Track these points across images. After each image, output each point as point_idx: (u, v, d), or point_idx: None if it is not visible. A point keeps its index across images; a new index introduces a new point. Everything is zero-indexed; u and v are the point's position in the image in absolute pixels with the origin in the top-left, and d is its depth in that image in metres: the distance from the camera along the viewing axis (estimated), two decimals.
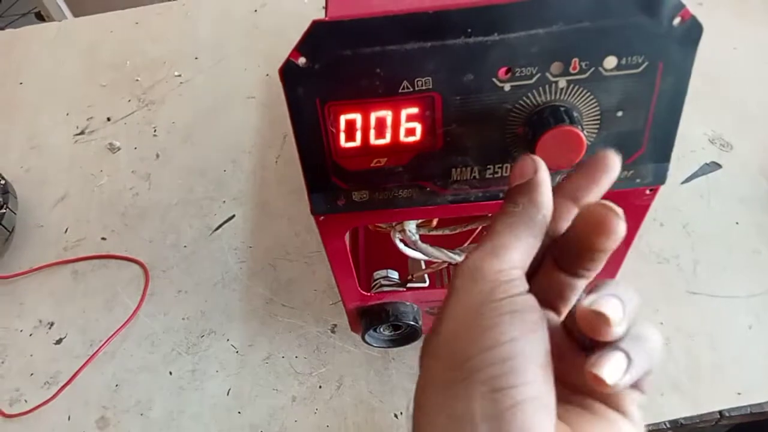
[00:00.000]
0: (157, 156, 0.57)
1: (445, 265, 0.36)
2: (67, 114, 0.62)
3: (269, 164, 0.55)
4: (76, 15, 1.24)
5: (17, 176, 0.56)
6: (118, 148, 0.58)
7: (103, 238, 0.52)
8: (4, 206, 0.51)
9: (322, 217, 0.28)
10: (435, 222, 0.34)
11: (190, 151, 0.57)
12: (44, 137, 0.60)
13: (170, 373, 0.44)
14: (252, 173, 0.55)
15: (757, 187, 0.48)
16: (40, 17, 1.38)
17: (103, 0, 1.17)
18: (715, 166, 0.49)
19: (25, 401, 0.43)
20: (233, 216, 0.52)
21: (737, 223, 0.46)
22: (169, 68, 0.64)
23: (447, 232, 0.35)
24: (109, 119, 0.61)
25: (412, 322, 0.37)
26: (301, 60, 0.23)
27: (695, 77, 0.61)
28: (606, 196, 0.28)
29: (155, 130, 0.59)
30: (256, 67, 0.63)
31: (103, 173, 0.57)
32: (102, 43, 0.68)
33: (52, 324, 0.47)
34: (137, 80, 0.64)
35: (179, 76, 0.64)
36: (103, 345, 0.45)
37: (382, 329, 0.38)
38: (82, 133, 0.60)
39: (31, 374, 0.45)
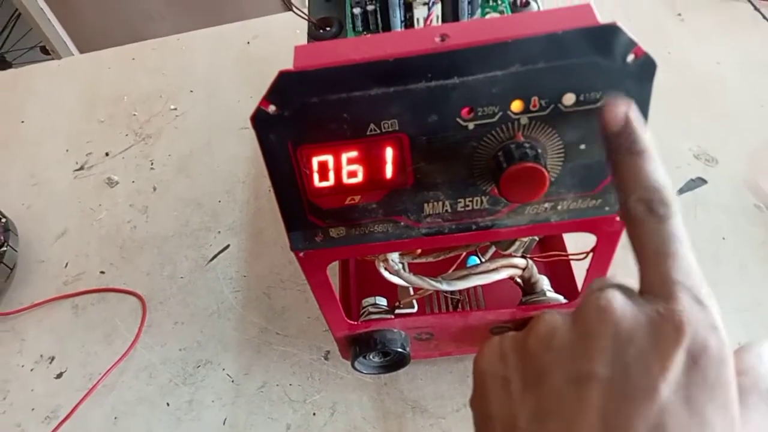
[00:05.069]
0: (154, 189, 0.59)
1: (433, 290, 0.37)
2: (67, 150, 0.63)
3: (263, 193, 0.56)
4: (80, 48, 1.27)
5: (18, 213, 0.57)
6: (117, 182, 0.60)
7: (102, 272, 0.53)
8: (5, 244, 0.52)
9: (301, 254, 0.29)
10: (419, 250, 0.35)
11: (186, 183, 0.58)
12: (44, 174, 0.62)
13: (168, 404, 0.45)
14: (246, 203, 0.56)
15: (743, 201, 0.48)
16: (45, 51, 1.42)
17: (106, 34, 1.21)
18: (700, 181, 0.50)
19: None
20: (228, 246, 0.53)
21: (724, 238, 0.47)
22: (165, 102, 0.66)
23: (431, 259, 0.36)
24: (107, 154, 0.62)
25: (399, 349, 0.37)
26: (271, 108, 0.24)
27: (678, 92, 0.61)
28: (577, 225, 0.29)
29: (152, 164, 0.61)
30: (249, 98, 0.64)
31: (102, 207, 0.58)
32: (100, 79, 0.70)
33: (52, 358, 0.48)
34: (134, 115, 0.66)
35: (175, 109, 0.65)
36: (101, 378, 0.46)
37: (371, 356, 0.39)
38: (81, 168, 0.62)
39: (32, 409, 0.46)
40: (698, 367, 0.18)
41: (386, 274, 0.34)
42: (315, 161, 0.25)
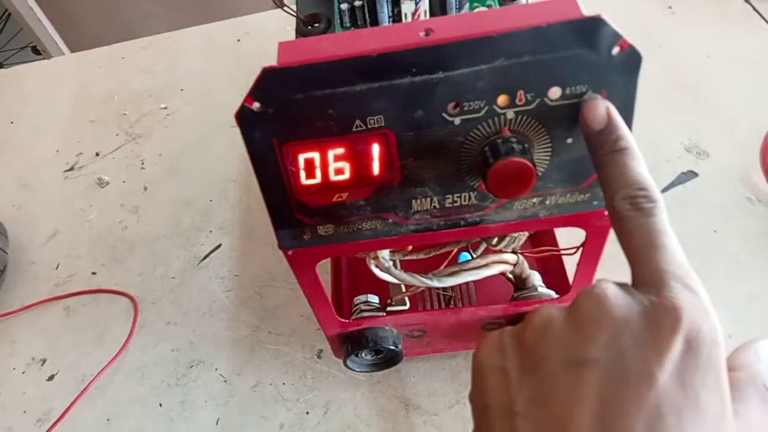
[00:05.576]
0: (145, 189, 0.58)
1: (424, 287, 0.37)
2: (57, 151, 0.63)
3: (254, 192, 0.56)
4: (71, 48, 1.26)
5: (8, 214, 0.57)
6: (107, 183, 0.59)
7: (94, 273, 0.53)
8: None
9: (290, 252, 0.29)
10: (410, 247, 0.35)
11: (177, 183, 0.58)
12: (35, 175, 0.61)
13: (160, 404, 0.44)
14: (237, 202, 0.56)
15: (734, 194, 0.49)
16: (36, 51, 1.41)
17: (97, 33, 1.20)
18: (691, 174, 0.50)
19: None
20: (220, 245, 0.53)
21: (715, 231, 0.47)
22: (156, 101, 0.66)
23: (421, 256, 0.36)
24: (97, 154, 0.62)
25: (391, 347, 0.37)
26: (256, 105, 0.24)
27: (669, 85, 0.61)
28: (566, 220, 0.28)
29: (143, 163, 0.60)
30: (240, 96, 0.63)
31: (93, 208, 0.58)
32: (90, 79, 0.70)
33: (44, 360, 0.48)
34: (125, 114, 0.65)
35: (165, 108, 0.65)
36: (93, 379, 0.46)
37: (363, 354, 0.39)
38: (71, 169, 0.61)
39: (24, 411, 0.45)
40: (692, 350, 0.18)
41: (377, 272, 0.33)
42: (301, 158, 0.25)
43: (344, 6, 0.36)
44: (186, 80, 0.67)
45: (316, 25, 0.37)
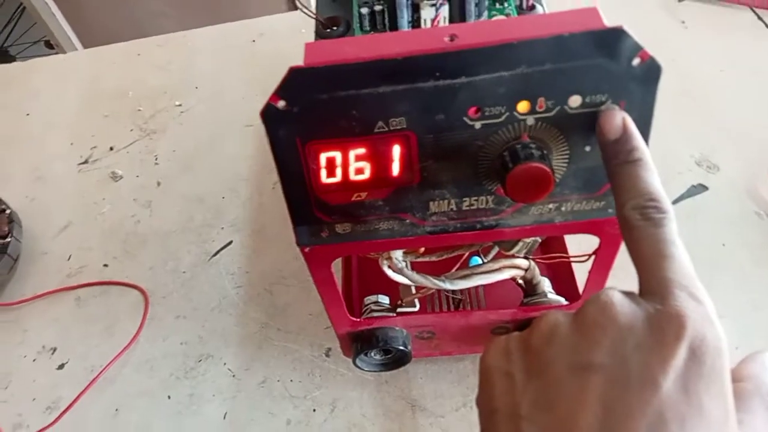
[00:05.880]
0: (158, 184, 0.59)
1: (434, 289, 0.37)
2: (72, 144, 0.64)
3: (266, 190, 0.57)
4: (84, 44, 1.27)
5: (22, 205, 0.58)
6: (121, 177, 0.60)
7: (105, 265, 0.53)
8: (10, 235, 0.52)
9: (307, 249, 0.30)
10: (422, 249, 0.35)
11: (190, 179, 0.59)
12: (49, 167, 0.62)
13: (168, 397, 0.45)
14: (249, 199, 0.56)
15: (743, 208, 0.49)
16: (49, 45, 1.42)
17: (110, 30, 1.21)
18: (701, 188, 0.50)
19: (28, 426, 0.44)
20: (231, 242, 0.53)
21: (724, 244, 0.47)
22: (170, 98, 0.66)
23: (433, 258, 0.36)
24: (111, 148, 0.63)
25: (401, 347, 0.37)
26: (281, 103, 0.24)
27: (681, 99, 0.62)
28: (581, 226, 0.29)
29: (156, 159, 0.61)
30: (254, 96, 0.65)
31: (106, 201, 0.58)
32: (105, 74, 0.70)
33: (54, 350, 0.49)
34: (139, 110, 0.66)
35: (180, 105, 0.66)
36: (103, 370, 0.46)
37: (372, 354, 0.39)
38: (85, 162, 0.62)
39: (34, 399, 0.46)
40: (696, 357, 0.18)
41: (390, 272, 0.34)
42: (323, 157, 0.26)
43: (364, 10, 0.36)
44: (201, 78, 0.68)
45: (335, 28, 0.38)
